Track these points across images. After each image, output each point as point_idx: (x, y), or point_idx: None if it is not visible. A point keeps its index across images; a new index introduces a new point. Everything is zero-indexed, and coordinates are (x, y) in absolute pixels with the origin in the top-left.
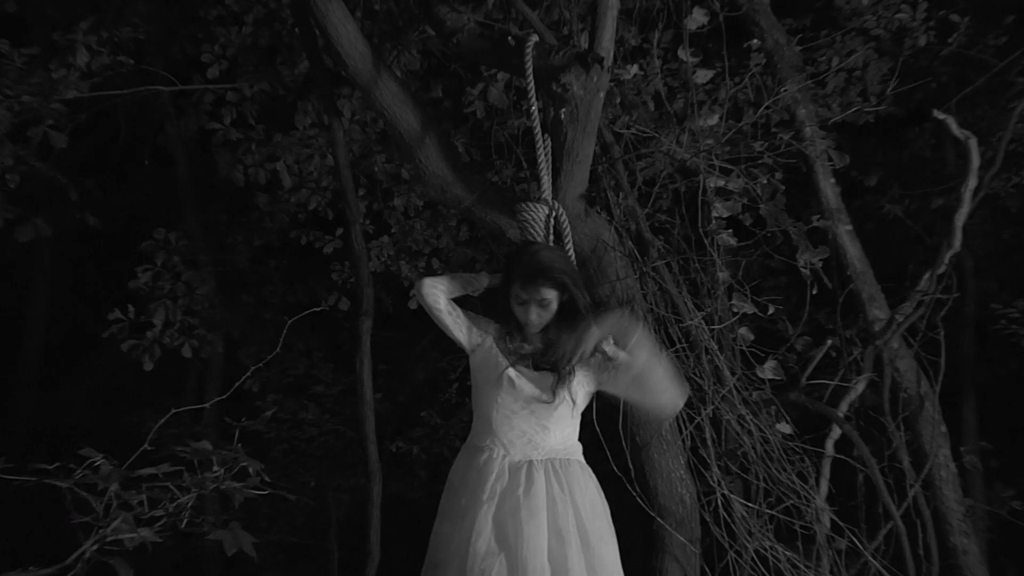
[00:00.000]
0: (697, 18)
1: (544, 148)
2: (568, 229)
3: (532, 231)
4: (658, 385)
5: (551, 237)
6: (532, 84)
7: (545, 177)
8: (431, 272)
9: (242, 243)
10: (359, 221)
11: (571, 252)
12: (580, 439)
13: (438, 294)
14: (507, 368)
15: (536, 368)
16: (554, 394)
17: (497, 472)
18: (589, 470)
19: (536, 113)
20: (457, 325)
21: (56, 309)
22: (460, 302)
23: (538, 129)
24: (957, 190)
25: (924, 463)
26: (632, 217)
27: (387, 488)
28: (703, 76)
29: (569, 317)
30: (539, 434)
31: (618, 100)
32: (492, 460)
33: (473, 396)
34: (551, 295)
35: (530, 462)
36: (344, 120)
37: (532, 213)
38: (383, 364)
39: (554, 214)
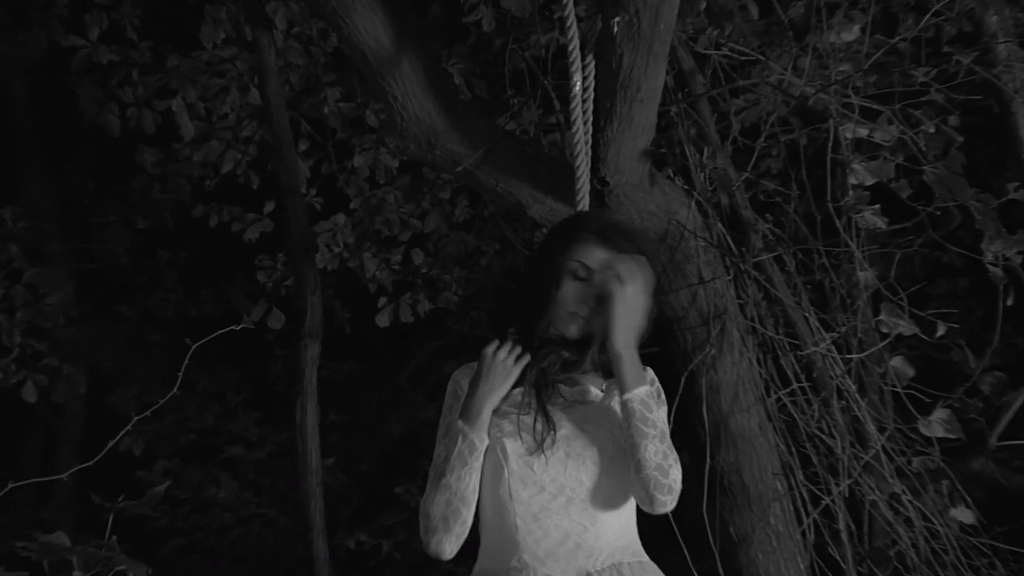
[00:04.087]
0: None
1: (583, 80)
2: None
3: None
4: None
5: None
6: None
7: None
8: (410, 275)
9: (117, 225)
10: (301, 191)
11: None
12: (642, 532)
13: (460, 531)
14: (506, 434)
15: (571, 399)
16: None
17: None
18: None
19: (574, 23)
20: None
21: None
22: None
23: (576, 49)
24: None
25: None
26: (724, 186)
27: None
28: None
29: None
30: (588, 531)
31: (703, 4)
32: None
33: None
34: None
35: None
36: (277, 35)
37: None
38: (337, 413)
39: None
